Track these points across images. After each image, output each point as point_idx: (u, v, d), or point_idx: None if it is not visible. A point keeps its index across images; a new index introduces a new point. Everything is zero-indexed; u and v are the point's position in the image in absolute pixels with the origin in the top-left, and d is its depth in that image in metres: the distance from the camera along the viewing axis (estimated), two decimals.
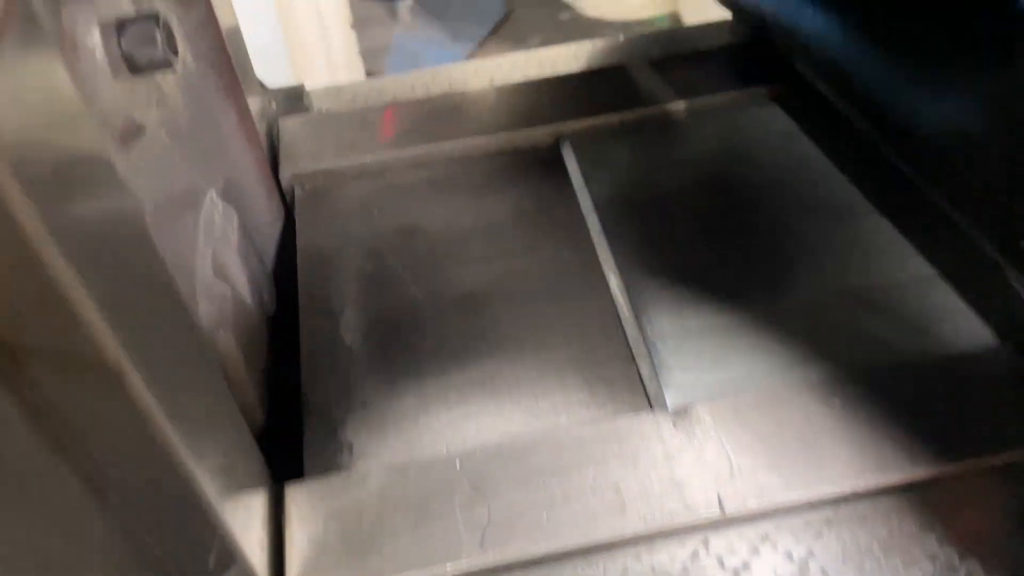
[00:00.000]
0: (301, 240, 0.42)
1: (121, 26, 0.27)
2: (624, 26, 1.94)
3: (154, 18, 0.27)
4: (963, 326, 0.35)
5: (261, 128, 0.46)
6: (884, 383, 0.33)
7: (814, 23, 0.37)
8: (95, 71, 0.25)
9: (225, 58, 0.38)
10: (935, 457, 0.30)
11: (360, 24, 1.52)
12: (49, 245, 0.17)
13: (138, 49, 0.26)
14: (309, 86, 0.55)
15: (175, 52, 0.28)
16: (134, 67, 0.27)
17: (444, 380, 0.35)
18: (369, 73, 1.66)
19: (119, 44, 0.26)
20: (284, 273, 0.43)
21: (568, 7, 2.02)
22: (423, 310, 0.38)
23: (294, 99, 0.54)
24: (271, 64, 1.23)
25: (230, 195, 0.39)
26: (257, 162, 0.42)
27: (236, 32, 0.42)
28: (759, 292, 0.37)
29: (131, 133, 0.27)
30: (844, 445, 0.31)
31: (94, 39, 0.25)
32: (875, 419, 0.32)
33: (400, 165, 0.45)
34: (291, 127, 0.47)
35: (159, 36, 0.27)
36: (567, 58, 0.55)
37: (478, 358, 0.36)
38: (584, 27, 2.01)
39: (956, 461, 0.30)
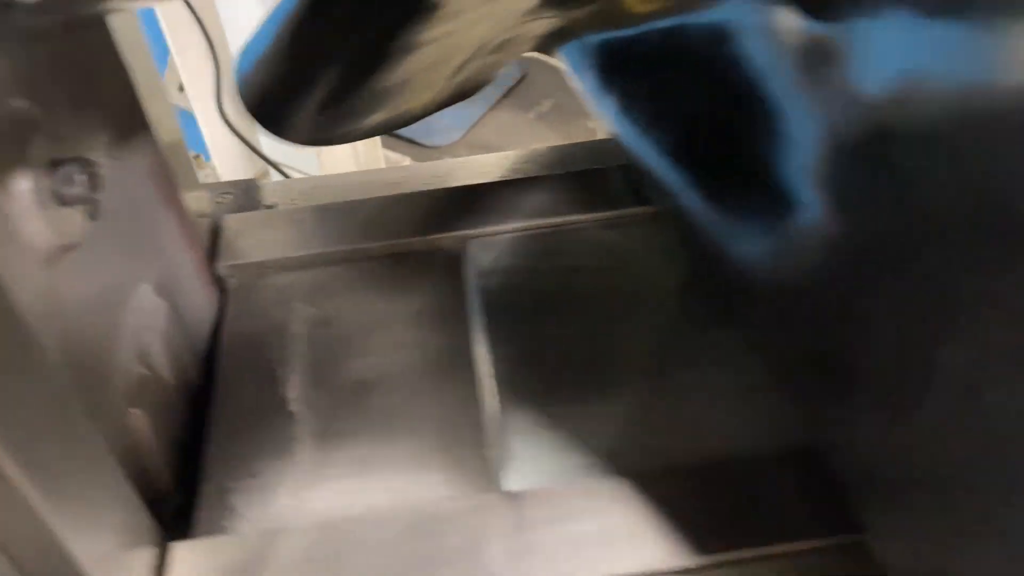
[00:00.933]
0: (227, 326, 0.49)
1: (53, 166, 0.33)
2: None
3: (78, 161, 0.34)
4: (771, 431, 0.40)
5: (205, 224, 0.53)
6: (691, 477, 0.38)
7: (658, 171, 0.44)
8: (23, 207, 0.32)
9: (164, 173, 0.45)
10: (722, 545, 0.36)
11: None
12: None
13: (62, 187, 0.33)
14: (262, 180, 0.62)
15: (98, 189, 0.34)
16: (61, 201, 0.33)
17: (326, 457, 0.41)
18: None
19: (49, 182, 0.33)
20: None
21: None
22: (320, 394, 0.44)
23: (251, 192, 0.61)
24: None
25: (164, 288, 0.46)
26: (195, 258, 0.49)
27: (179, 145, 0.49)
28: (610, 391, 0.43)
29: (58, 253, 0.34)
30: (644, 533, 0.36)
31: (25, 182, 0.32)
32: (679, 509, 0.37)
33: (322, 261, 0.52)
34: (233, 224, 0.53)
35: (81, 178, 0.33)
36: (493, 166, 0.62)
37: (358, 439, 0.42)
38: None
39: (738, 549, 0.36)
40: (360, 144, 1.52)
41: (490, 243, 0.51)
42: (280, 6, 0.41)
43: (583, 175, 0.56)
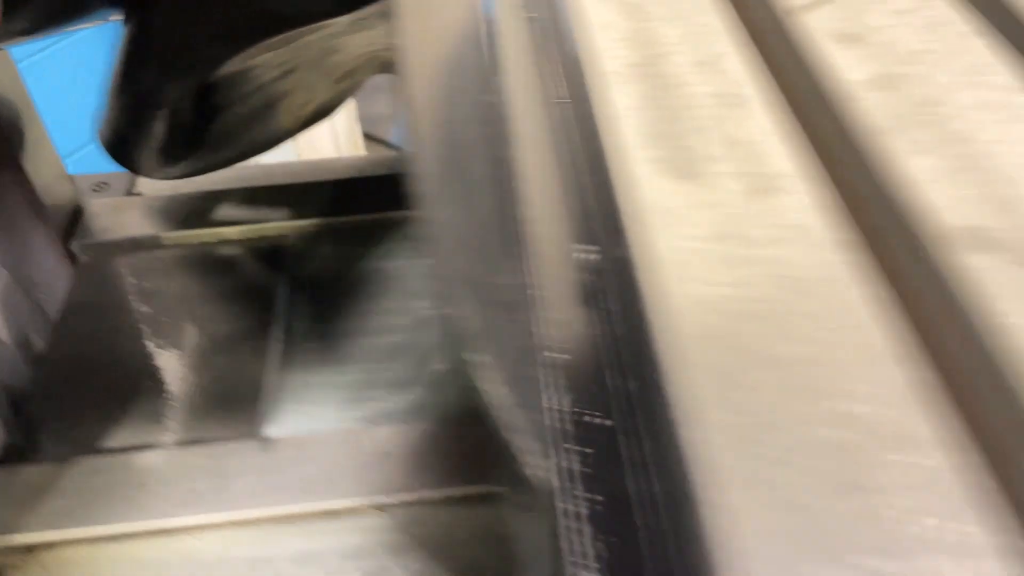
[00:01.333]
0: (73, 296, 0.56)
1: None
2: None
3: None
4: None
5: (68, 207, 0.61)
6: (409, 432, 0.46)
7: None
8: None
9: (16, 163, 0.53)
10: (419, 485, 0.44)
11: (366, 92, 1.68)
12: None
13: None
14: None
15: None
16: None
17: (129, 407, 0.49)
18: (367, 136, 1.81)
19: None
20: None
21: None
22: (132, 355, 0.52)
23: (126, 182, 0.69)
24: None
25: (11, 260, 0.53)
26: (46, 236, 0.57)
27: (43, 140, 0.57)
28: (368, 360, 0.51)
29: None
30: (361, 475, 0.44)
31: None
32: (394, 457, 0.45)
33: (163, 243, 0.59)
34: (94, 208, 0.61)
35: None
36: (346, 167, 0.70)
37: (158, 394, 0.50)
38: None
39: (430, 489, 0.43)
40: (343, 148, 1.61)
41: (308, 233, 0.59)
42: (104, 76, 0.49)
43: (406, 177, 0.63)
